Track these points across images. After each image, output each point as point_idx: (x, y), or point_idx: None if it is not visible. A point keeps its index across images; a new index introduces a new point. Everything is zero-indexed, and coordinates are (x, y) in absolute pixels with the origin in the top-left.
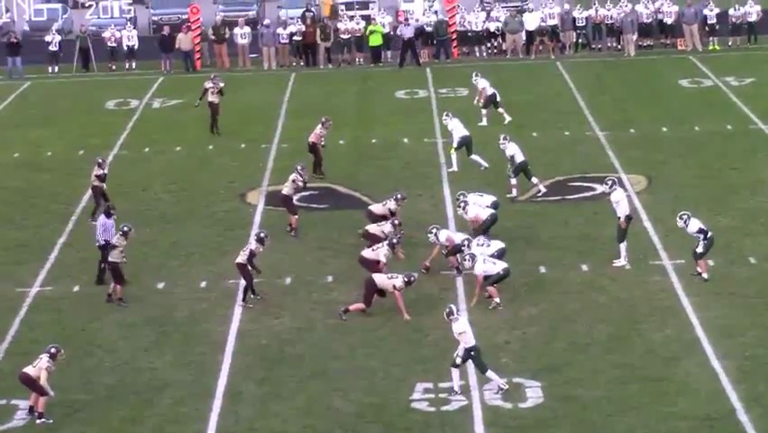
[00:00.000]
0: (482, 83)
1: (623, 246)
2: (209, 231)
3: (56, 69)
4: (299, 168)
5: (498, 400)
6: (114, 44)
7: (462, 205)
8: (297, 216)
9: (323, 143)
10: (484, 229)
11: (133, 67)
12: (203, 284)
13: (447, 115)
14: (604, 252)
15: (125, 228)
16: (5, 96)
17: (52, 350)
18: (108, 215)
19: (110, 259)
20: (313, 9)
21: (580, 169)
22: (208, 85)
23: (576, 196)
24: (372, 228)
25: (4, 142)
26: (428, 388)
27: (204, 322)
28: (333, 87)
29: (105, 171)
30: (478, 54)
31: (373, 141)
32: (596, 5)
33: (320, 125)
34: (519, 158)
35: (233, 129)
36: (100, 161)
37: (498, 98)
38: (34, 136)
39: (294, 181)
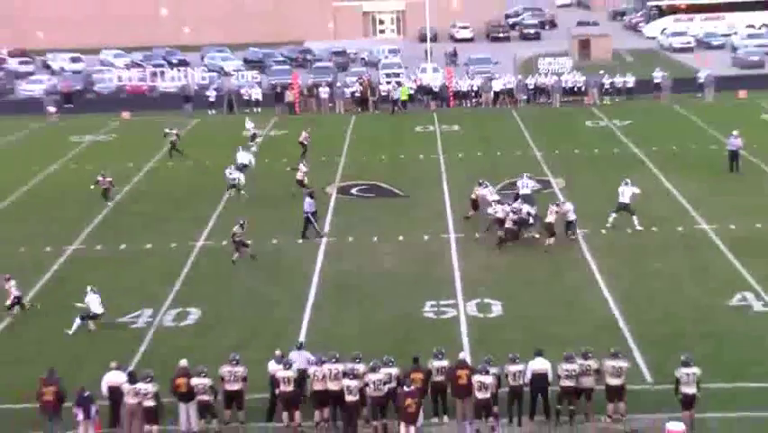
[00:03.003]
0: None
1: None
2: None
3: (213, 112)
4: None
5: (475, 312)
6: (247, 97)
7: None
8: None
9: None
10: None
11: (259, 111)
12: (299, 241)
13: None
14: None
15: (241, 221)
16: (182, 128)
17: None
18: (311, 196)
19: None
20: (364, 77)
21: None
22: (304, 135)
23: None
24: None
25: (182, 155)
26: (433, 304)
27: (299, 264)
28: (377, 124)
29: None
30: (464, 105)
31: (401, 156)
32: (537, 76)
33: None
34: (571, 217)
35: (318, 148)
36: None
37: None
38: (199, 153)
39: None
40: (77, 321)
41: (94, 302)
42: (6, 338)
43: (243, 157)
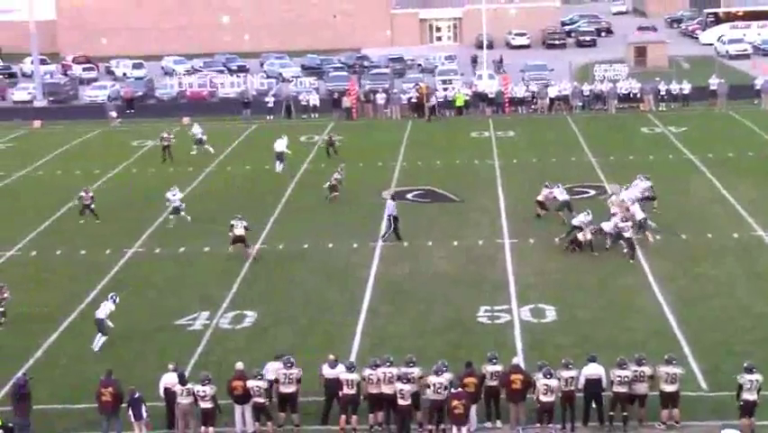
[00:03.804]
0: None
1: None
2: (359, 213)
3: (271, 117)
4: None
5: (529, 317)
6: (305, 103)
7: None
8: None
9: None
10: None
11: (316, 116)
12: (354, 245)
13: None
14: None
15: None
16: (241, 133)
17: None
18: (393, 198)
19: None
20: (420, 84)
21: (579, 179)
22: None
23: (577, 197)
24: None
25: (241, 159)
26: (487, 309)
27: (355, 268)
28: (433, 130)
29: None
30: (520, 111)
31: (457, 161)
32: (593, 83)
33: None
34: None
35: (374, 153)
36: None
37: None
38: (258, 156)
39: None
40: (99, 337)
41: (103, 308)
42: (68, 338)
43: (280, 145)
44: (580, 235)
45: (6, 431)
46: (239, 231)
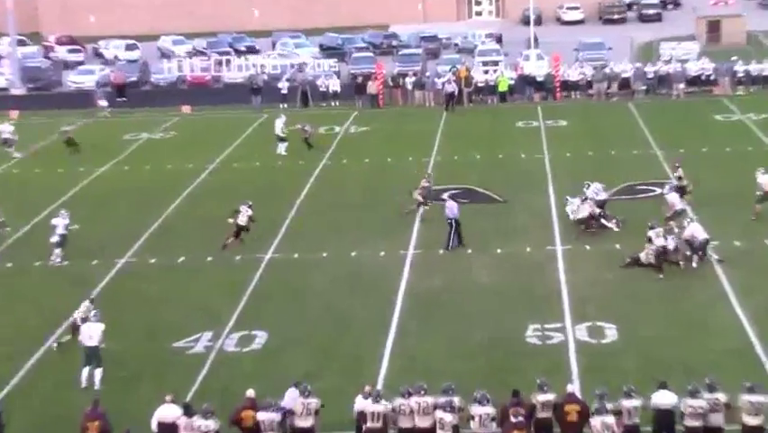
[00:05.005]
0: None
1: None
2: (387, 216)
3: (285, 106)
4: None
5: (586, 337)
6: (324, 89)
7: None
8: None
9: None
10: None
11: (337, 104)
12: (381, 253)
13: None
14: None
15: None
16: (250, 124)
17: None
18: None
19: None
20: (458, 66)
21: (643, 176)
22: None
23: (641, 196)
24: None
25: (250, 153)
26: (537, 328)
27: (382, 278)
28: (473, 119)
29: None
30: (573, 97)
31: (500, 156)
32: (658, 64)
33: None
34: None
35: (405, 147)
36: None
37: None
38: (269, 151)
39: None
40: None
41: (91, 331)
42: (59, 362)
43: (278, 126)
44: (642, 255)
45: None
46: (242, 220)
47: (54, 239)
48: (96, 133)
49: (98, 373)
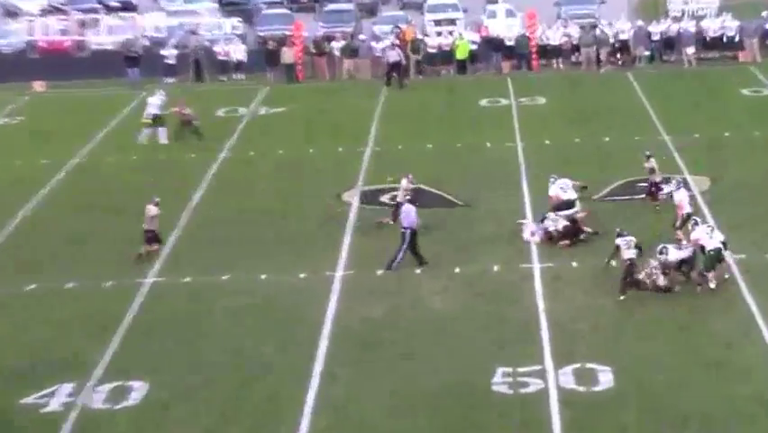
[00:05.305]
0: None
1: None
2: (308, 227)
3: (172, 80)
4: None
5: (572, 383)
6: (224, 58)
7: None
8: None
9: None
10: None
11: (241, 78)
12: (301, 275)
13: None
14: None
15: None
16: (126, 104)
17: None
18: (413, 202)
19: None
20: (402, 26)
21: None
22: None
23: (644, 196)
24: None
25: (126, 143)
26: (507, 371)
27: (302, 309)
28: (422, 96)
29: None
30: (554, 66)
31: (458, 144)
32: (666, 22)
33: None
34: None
35: (332, 134)
36: None
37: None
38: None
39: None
40: None
41: None
42: None
43: (154, 104)
44: (642, 275)
45: None
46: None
47: None
48: None
49: None
